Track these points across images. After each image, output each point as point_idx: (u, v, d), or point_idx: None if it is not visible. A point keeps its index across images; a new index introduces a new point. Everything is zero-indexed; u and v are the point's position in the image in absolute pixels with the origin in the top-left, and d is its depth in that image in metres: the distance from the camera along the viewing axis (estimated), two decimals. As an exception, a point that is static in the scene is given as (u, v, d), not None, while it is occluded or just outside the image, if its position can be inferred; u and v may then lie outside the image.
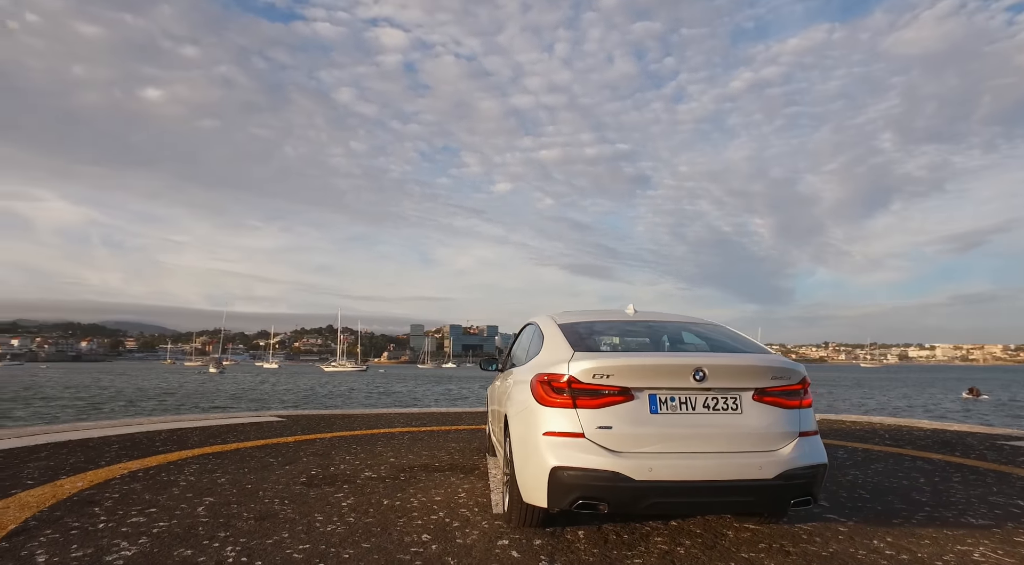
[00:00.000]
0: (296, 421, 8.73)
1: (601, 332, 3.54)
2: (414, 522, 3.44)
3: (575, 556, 2.87)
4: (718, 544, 3.09)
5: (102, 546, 2.96)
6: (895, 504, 4.04)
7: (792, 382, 3.02)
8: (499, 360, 5.00)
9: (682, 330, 3.70)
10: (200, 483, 4.40)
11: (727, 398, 2.92)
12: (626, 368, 2.87)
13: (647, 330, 3.80)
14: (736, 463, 2.81)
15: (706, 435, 2.85)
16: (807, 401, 3.08)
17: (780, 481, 2.81)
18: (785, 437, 2.93)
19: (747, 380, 2.96)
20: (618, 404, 2.86)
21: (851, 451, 6.39)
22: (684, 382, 2.88)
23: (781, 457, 2.87)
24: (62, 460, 5.31)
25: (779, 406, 2.96)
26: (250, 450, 5.97)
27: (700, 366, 2.88)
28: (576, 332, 3.36)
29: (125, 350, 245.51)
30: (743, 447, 2.86)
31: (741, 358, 3.09)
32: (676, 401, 2.89)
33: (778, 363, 3.04)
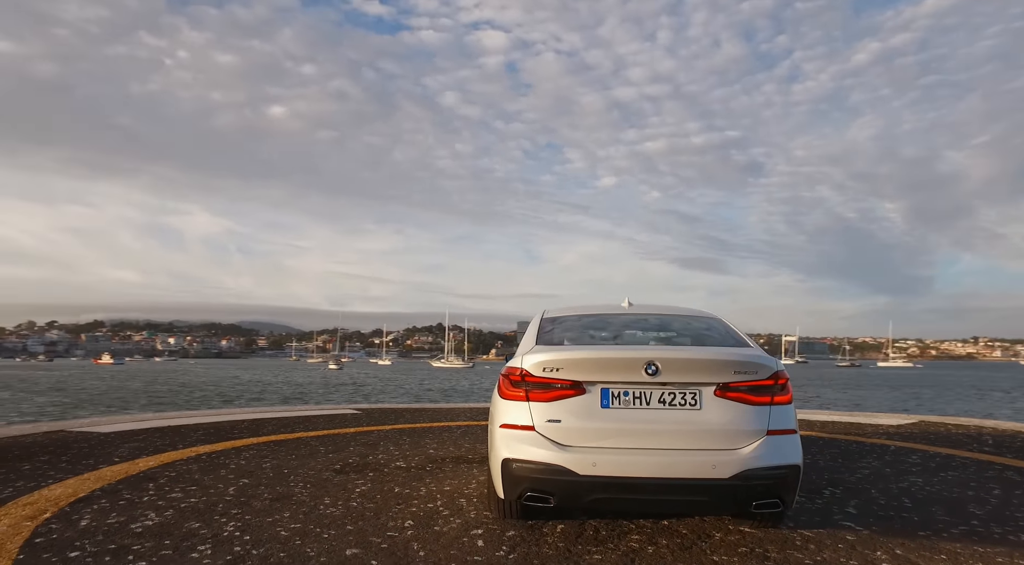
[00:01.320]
0: (369, 414, 9.26)
1: (579, 326, 3.51)
2: (409, 509, 3.61)
3: (536, 548, 2.89)
4: (695, 546, 2.98)
5: (134, 515, 3.40)
6: (937, 515, 3.64)
7: (760, 377, 2.84)
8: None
9: (668, 323, 3.57)
10: (247, 467, 4.86)
11: (685, 393, 2.81)
12: (576, 361, 2.85)
13: (631, 323, 3.70)
14: (689, 461, 2.69)
15: (660, 431, 2.76)
16: (781, 397, 2.87)
17: (737, 481, 2.67)
18: (749, 435, 2.77)
19: (706, 375, 2.82)
20: (569, 398, 2.84)
21: (928, 456, 5.77)
22: (637, 376, 2.80)
23: (740, 456, 2.71)
24: (151, 442, 6.06)
25: (744, 402, 2.80)
26: (310, 439, 6.46)
27: (652, 360, 2.79)
28: (551, 326, 3.36)
29: (258, 348, 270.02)
30: (701, 444, 2.74)
31: (699, 352, 2.97)
32: (630, 396, 2.82)
33: (742, 357, 2.87)
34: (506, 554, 2.81)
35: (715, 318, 3.60)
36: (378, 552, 2.83)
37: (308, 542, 2.97)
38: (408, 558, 2.75)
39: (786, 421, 2.84)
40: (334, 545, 2.92)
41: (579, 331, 3.44)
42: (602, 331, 3.51)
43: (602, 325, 3.59)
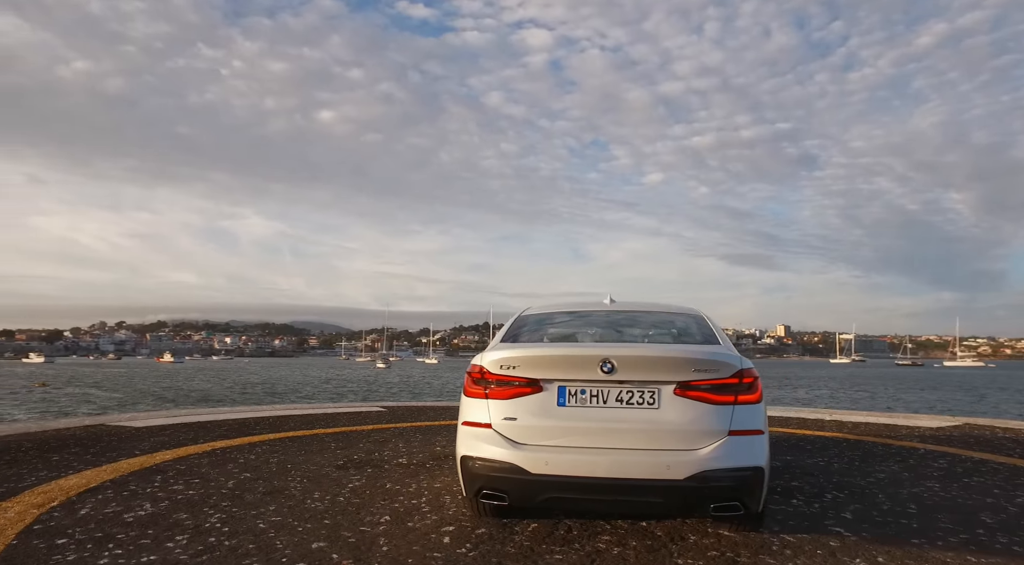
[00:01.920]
0: (393, 411, 9.42)
1: (549, 324, 3.47)
2: (392, 504, 3.66)
3: (500, 546, 2.89)
4: (665, 548, 2.91)
5: (131, 506, 3.57)
6: (941, 522, 3.44)
7: (722, 376, 2.73)
8: None
9: (641, 320, 3.49)
10: (254, 462, 5.02)
11: (643, 392, 2.73)
12: (532, 359, 2.82)
13: (604, 321, 3.63)
14: (644, 461, 2.62)
15: (617, 430, 2.70)
16: (746, 397, 2.76)
17: (693, 483, 2.57)
18: (709, 436, 2.67)
19: (665, 373, 2.74)
20: (526, 396, 2.82)
21: (958, 460, 5.44)
22: (593, 374, 2.75)
23: (697, 457, 2.62)
24: (175, 437, 6.34)
25: (704, 401, 2.70)
26: (325, 436, 6.62)
27: (608, 357, 2.73)
28: (522, 324, 3.34)
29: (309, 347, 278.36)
30: (658, 445, 2.67)
31: (657, 349, 2.88)
32: (587, 394, 2.77)
33: (702, 355, 2.77)
34: (468, 552, 2.82)
35: (695, 315, 3.49)
36: (343, 546, 2.88)
37: (281, 535, 3.05)
38: (370, 552, 2.79)
39: (751, 421, 2.73)
40: (304, 538, 3.00)
41: (547, 329, 3.40)
42: (571, 329, 3.46)
43: (574, 323, 3.54)
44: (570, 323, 3.53)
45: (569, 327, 3.47)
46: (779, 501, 3.89)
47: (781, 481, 4.52)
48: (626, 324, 3.52)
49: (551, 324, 3.47)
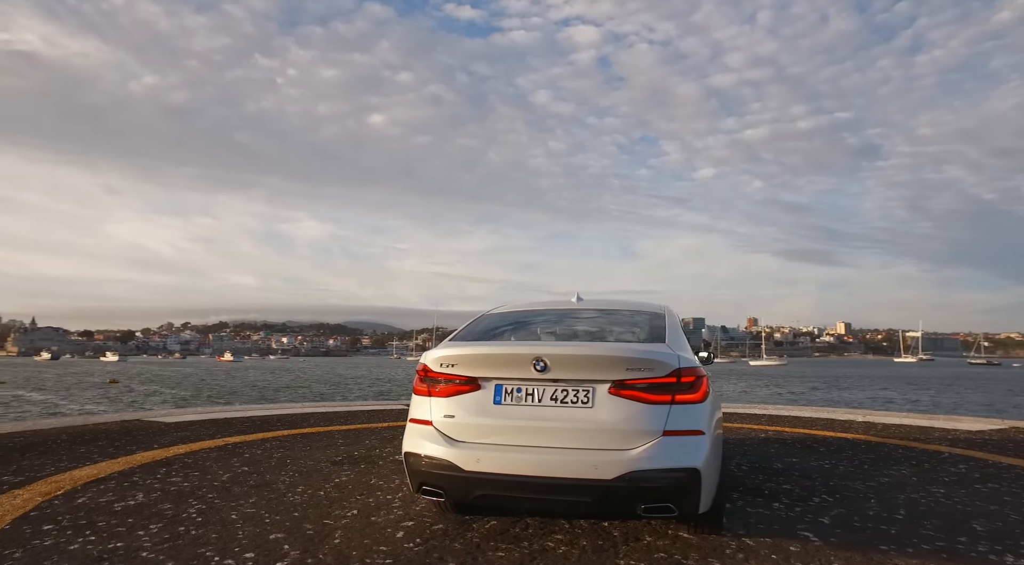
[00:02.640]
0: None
1: (501, 322, 3.47)
2: (366, 499, 3.76)
3: (449, 542, 2.93)
4: (613, 549, 2.88)
5: (124, 496, 3.79)
6: (923, 530, 3.27)
7: (657, 374, 2.66)
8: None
9: (596, 318, 3.45)
10: (258, 456, 5.23)
11: (578, 391, 2.71)
12: (469, 357, 2.85)
13: (558, 319, 3.60)
14: (572, 460, 2.59)
15: (550, 429, 2.68)
16: (685, 396, 2.69)
17: (621, 483, 2.53)
18: (642, 436, 2.61)
19: (599, 371, 2.70)
20: (464, 393, 2.84)
21: (980, 466, 5.13)
22: (527, 372, 2.74)
23: (627, 457, 2.57)
24: (197, 432, 6.67)
25: (638, 400, 2.65)
26: (336, 432, 6.83)
27: (540, 356, 2.71)
28: (478, 322, 3.36)
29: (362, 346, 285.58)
30: (590, 444, 2.63)
31: (590, 347, 2.84)
32: (523, 392, 2.77)
33: (636, 353, 2.71)
34: (414, 546, 2.88)
35: (655, 313, 3.42)
36: (300, 538, 2.99)
37: (247, 526, 3.18)
38: (320, 544, 2.89)
39: (690, 422, 2.66)
40: (267, 529, 3.12)
41: (498, 327, 3.40)
42: (522, 327, 3.45)
43: (528, 321, 3.53)
44: (524, 322, 3.52)
45: (521, 326, 3.46)
46: (760, 504, 3.79)
47: (773, 483, 4.39)
48: (580, 322, 3.50)
49: (505, 323, 3.48)
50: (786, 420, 8.46)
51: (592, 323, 3.45)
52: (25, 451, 5.38)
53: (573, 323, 3.49)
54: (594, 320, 3.50)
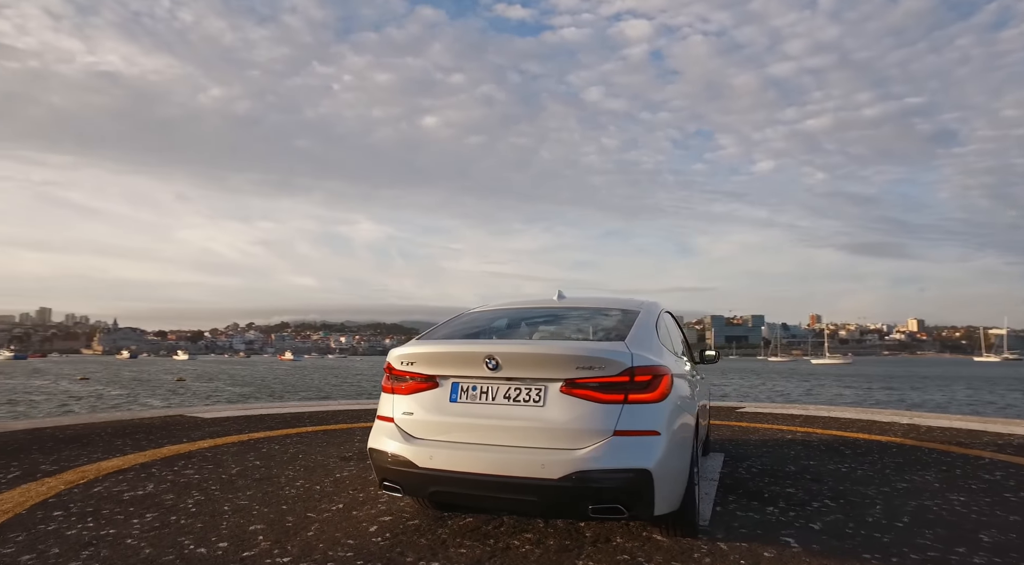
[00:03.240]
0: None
1: (475, 320, 3.47)
2: (356, 495, 3.85)
3: (417, 537, 2.98)
4: (577, 549, 2.85)
5: (136, 486, 4.03)
6: (920, 539, 3.09)
7: (608, 373, 2.60)
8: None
9: (568, 316, 3.41)
10: (275, 451, 5.44)
11: (531, 389, 2.69)
12: (425, 355, 2.88)
13: (532, 317, 3.56)
14: (521, 459, 2.57)
15: (502, 427, 2.68)
16: (640, 396, 2.62)
17: (568, 483, 2.49)
18: (592, 435, 2.56)
19: (550, 370, 2.67)
20: (423, 391, 2.87)
21: (1016, 473, 4.78)
22: (480, 371, 2.74)
23: (574, 457, 2.53)
24: (228, 427, 6.99)
25: (589, 400, 2.60)
26: (357, 429, 7.01)
27: (492, 354, 2.71)
28: (451, 321, 3.39)
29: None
30: (539, 443, 2.61)
31: (541, 346, 2.81)
32: (477, 390, 2.77)
33: (587, 352, 2.66)
34: (381, 541, 2.94)
35: (630, 310, 3.33)
36: (277, 530, 3.10)
37: (234, 517, 3.33)
38: (294, 537, 2.99)
39: (643, 422, 2.59)
40: (250, 521, 3.25)
41: (467, 326, 3.40)
42: (490, 326, 3.43)
43: (498, 320, 3.52)
44: (496, 320, 3.51)
45: (490, 324, 3.45)
46: (754, 507, 3.66)
47: (777, 486, 4.23)
48: (550, 320, 3.47)
49: (477, 321, 3.48)
50: (822, 421, 8.12)
51: (561, 321, 3.42)
52: (70, 442, 5.79)
53: (542, 321, 3.47)
54: (564, 318, 3.47)
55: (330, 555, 2.74)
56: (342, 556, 2.72)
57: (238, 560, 2.67)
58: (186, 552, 2.77)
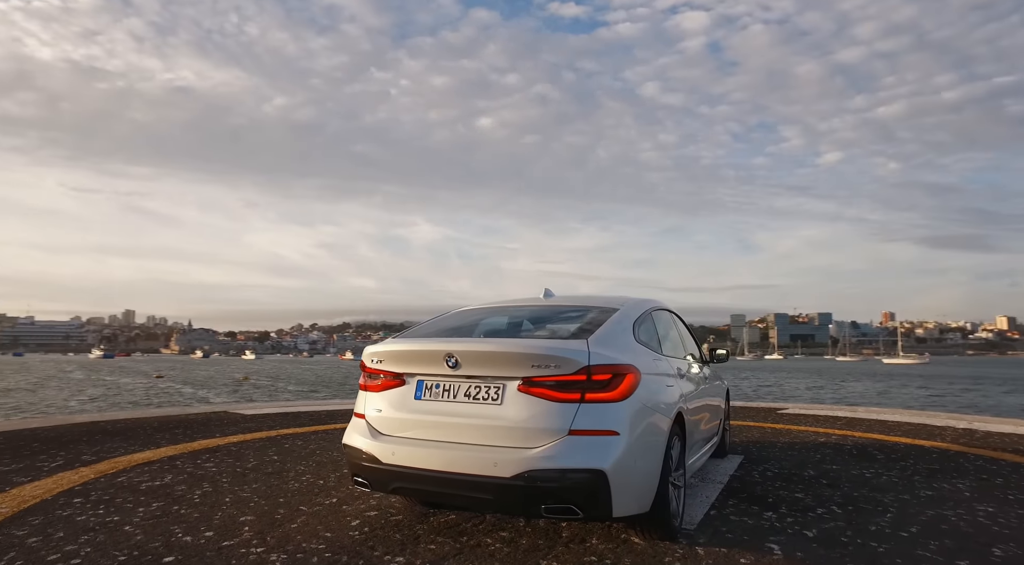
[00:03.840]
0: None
1: (453, 319, 3.48)
2: (352, 490, 3.94)
3: (392, 532, 3.02)
4: (548, 548, 2.83)
5: (156, 477, 4.27)
6: (922, 550, 2.89)
7: (564, 372, 2.56)
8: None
9: (547, 314, 3.37)
10: (298, 447, 5.62)
11: (490, 387, 2.69)
12: (391, 353, 2.92)
13: (510, 316, 3.53)
14: (475, 457, 2.57)
15: (461, 425, 2.69)
16: (598, 395, 2.57)
17: (519, 482, 2.47)
18: (546, 434, 2.53)
19: (507, 368, 2.65)
20: (391, 389, 2.92)
21: None
22: (442, 369, 2.76)
23: (527, 456, 2.50)
24: (263, 423, 7.29)
25: (545, 399, 2.57)
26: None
27: (451, 352, 2.72)
28: (435, 319, 3.42)
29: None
30: (495, 441, 2.60)
31: (497, 344, 2.79)
32: (440, 388, 2.80)
33: (541, 350, 2.62)
34: (357, 535, 3.00)
35: (607, 309, 3.25)
36: (264, 521, 3.22)
37: (231, 508, 3.47)
38: (277, 528, 3.09)
39: (600, 421, 2.54)
40: (244, 512, 3.39)
41: (443, 325, 3.41)
42: (465, 324, 3.42)
43: (475, 318, 3.51)
44: (471, 319, 3.50)
45: (464, 323, 3.44)
46: (752, 512, 3.53)
47: (785, 491, 4.05)
48: (526, 319, 3.43)
49: (452, 320, 3.48)
50: (865, 424, 7.71)
51: (535, 320, 3.39)
52: (116, 435, 6.19)
53: (518, 320, 3.44)
54: (540, 317, 3.43)
55: (303, 547, 2.82)
56: (314, 548, 2.81)
57: (217, 549, 2.80)
58: (172, 540, 2.92)
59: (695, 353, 4.48)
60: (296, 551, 2.77)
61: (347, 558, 2.68)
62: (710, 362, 4.82)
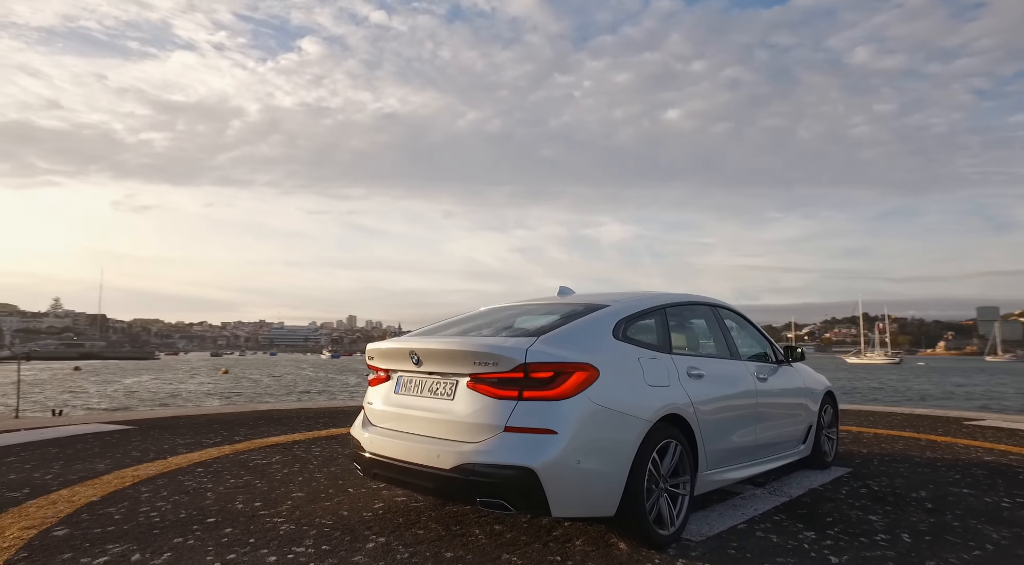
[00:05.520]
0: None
1: (459, 318, 3.59)
2: (363, 482, 4.10)
3: (398, 517, 3.26)
4: (520, 543, 2.84)
5: (268, 456, 5.05)
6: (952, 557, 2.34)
7: (501, 369, 2.58)
8: None
9: (536, 312, 3.29)
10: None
11: (446, 384, 2.81)
12: (377, 351, 3.15)
13: (507, 315, 3.45)
14: (425, 448, 2.72)
15: (422, 418, 2.85)
16: (536, 392, 2.54)
17: (456, 474, 2.56)
18: (485, 429, 2.58)
19: (457, 365, 2.75)
20: (382, 383, 3.19)
21: None
22: (410, 365, 2.93)
23: (464, 450, 2.57)
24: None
25: (487, 395, 2.63)
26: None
27: (413, 350, 2.89)
28: (450, 317, 3.59)
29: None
30: (445, 434, 2.72)
31: (448, 342, 2.86)
32: (412, 383, 2.98)
33: (481, 348, 2.66)
34: (372, 515, 3.30)
35: (594, 306, 3.11)
36: (310, 498, 3.66)
37: (295, 485, 4.00)
38: (312, 505, 3.51)
39: (537, 419, 2.50)
40: (301, 488, 3.90)
41: (445, 322, 3.53)
42: (460, 322, 3.46)
43: (476, 317, 3.54)
44: (473, 317, 3.53)
45: (460, 321, 3.50)
46: (795, 530, 3.13)
47: (860, 512, 3.49)
48: (518, 318, 3.37)
49: (458, 319, 3.58)
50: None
51: (523, 319, 3.35)
52: (273, 422, 7.23)
53: (510, 319, 3.42)
54: (528, 315, 3.39)
55: (314, 521, 3.19)
56: (320, 522, 3.16)
57: (252, 515, 3.29)
58: (228, 505, 3.49)
59: (752, 351, 4.09)
60: (304, 523, 3.16)
61: (339, 534, 3.00)
62: (785, 362, 4.31)
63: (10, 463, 4.79)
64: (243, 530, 3.06)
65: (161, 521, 3.23)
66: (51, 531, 3.05)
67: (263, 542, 2.88)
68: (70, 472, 4.45)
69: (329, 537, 2.95)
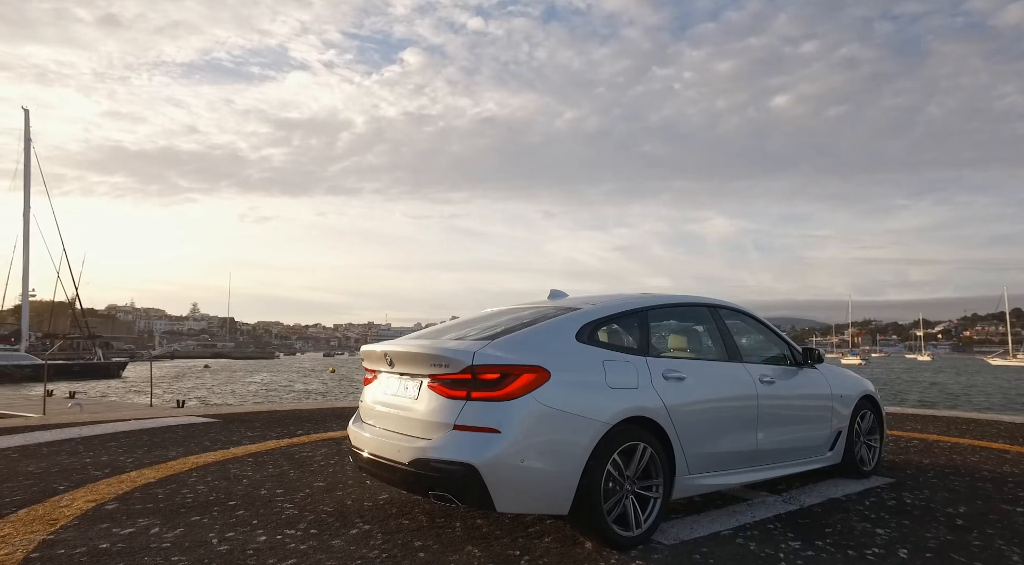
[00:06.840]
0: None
1: (455, 321, 3.73)
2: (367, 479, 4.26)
3: (392, 508, 3.49)
4: (488, 537, 2.96)
5: (315, 449, 5.50)
6: None
7: (452, 371, 2.75)
8: None
9: (518, 315, 3.35)
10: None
11: (413, 384, 2.99)
12: (365, 353, 3.39)
13: (492, 317, 3.52)
14: (390, 443, 2.93)
15: (393, 415, 3.07)
16: (484, 393, 2.67)
17: (411, 468, 2.75)
18: (438, 427, 2.75)
19: (418, 367, 2.94)
20: (371, 383, 3.43)
21: None
22: (386, 366, 3.14)
23: (420, 446, 2.76)
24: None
25: (441, 395, 2.79)
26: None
27: (386, 352, 3.09)
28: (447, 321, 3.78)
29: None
30: (409, 431, 2.92)
31: (411, 345, 3.03)
32: (391, 383, 3.19)
33: (434, 350, 2.86)
34: (372, 505, 3.55)
35: (571, 309, 3.15)
36: (327, 487, 4.00)
37: (322, 476, 4.36)
38: (327, 494, 3.84)
39: (484, 419, 2.62)
40: (324, 478, 4.25)
41: (436, 326, 3.71)
42: (445, 326, 3.60)
43: (463, 321, 3.66)
44: (459, 321, 3.65)
45: (446, 325, 3.63)
46: (782, 538, 3.02)
47: (874, 525, 3.29)
48: (497, 321, 3.44)
49: (458, 322, 3.69)
50: None
51: (506, 321, 3.42)
52: (319, 419, 7.79)
53: (489, 322, 3.50)
54: (513, 316, 3.46)
55: (317, 508, 3.49)
56: (322, 509, 3.47)
57: (269, 501, 3.66)
58: (255, 492, 3.89)
59: (763, 353, 3.93)
60: (308, 510, 3.48)
61: (332, 521, 3.28)
62: (805, 364, 4.09)
63: (110, 447, 5.60)
64: (253, 513, 3.42)
65: (193, 502, 3.68)
66: (105, 505, 3.59)
67: (263, 524, 3.22)
68: (147, 457, 5.13)
69: (322, 523, 3.24)
